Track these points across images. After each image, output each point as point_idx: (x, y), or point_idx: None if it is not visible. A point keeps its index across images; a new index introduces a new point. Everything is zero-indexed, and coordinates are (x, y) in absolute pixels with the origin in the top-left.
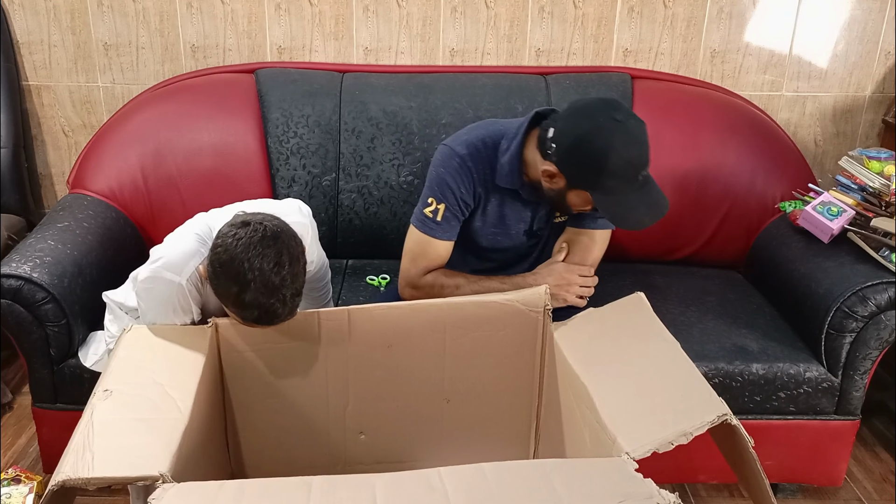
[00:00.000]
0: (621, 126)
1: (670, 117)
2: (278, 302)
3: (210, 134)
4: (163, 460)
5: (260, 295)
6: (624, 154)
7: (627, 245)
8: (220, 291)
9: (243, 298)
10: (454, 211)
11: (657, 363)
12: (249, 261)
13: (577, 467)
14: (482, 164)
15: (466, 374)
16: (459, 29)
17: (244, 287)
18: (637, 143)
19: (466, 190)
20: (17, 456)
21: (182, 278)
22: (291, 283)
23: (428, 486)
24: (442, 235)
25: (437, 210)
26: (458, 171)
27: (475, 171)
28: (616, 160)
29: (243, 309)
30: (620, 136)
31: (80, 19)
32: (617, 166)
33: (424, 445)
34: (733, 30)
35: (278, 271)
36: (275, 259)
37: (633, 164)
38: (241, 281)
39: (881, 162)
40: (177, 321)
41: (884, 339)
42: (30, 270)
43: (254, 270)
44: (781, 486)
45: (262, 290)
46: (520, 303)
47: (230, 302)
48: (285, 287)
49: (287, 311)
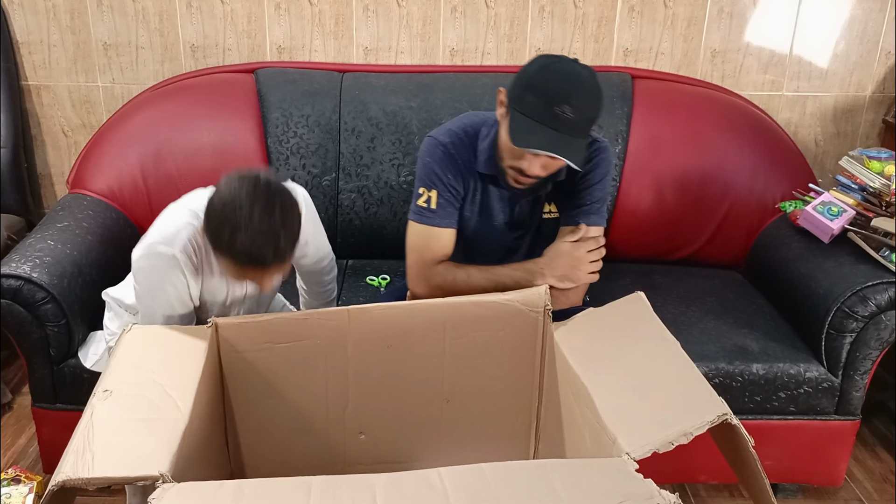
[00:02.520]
0: (567, 65)
1: (671, 117)
2: (269, 245)
3: (210, 134)
4: (163, 460)
5: (254, 235)
6: (549, 77)
7: (627, 245)
8: (214, 239)
9: (235, 240)
10: (447, 197)
11: (657, 363)
12: (241, 206)
13: (577, 467)
14: (465, 151)
15: (466, 374)
16: (459, 29)
17: (235, 228)
18: (570, 78)
19: (454, 176)
20: (17, 456)
21: (175, 249)
22: (283, 229)
23: (428, 486)
24: (441, 223)
25: (430, 198)
26: (443, 159)
27: (459, 158)
28: (539, 77)
29: (235, 252)
30: (559, 67)
31: (79, 19)
32: (538, 83)
33: (424, 445)
34: (734, 30)
35: (270, 214)
36: (267, 204)
37: (557, 88)
38: (233, 223)
39: (881, 162)
40: (175, 305)
41: (884, 339)
42: (30, 270)
43: (245, 213)
44: (782, 486)
45: (256, 232)
46: (520, 303)
47: (223, 247)
48: (276, 231)
49: (278, 256)
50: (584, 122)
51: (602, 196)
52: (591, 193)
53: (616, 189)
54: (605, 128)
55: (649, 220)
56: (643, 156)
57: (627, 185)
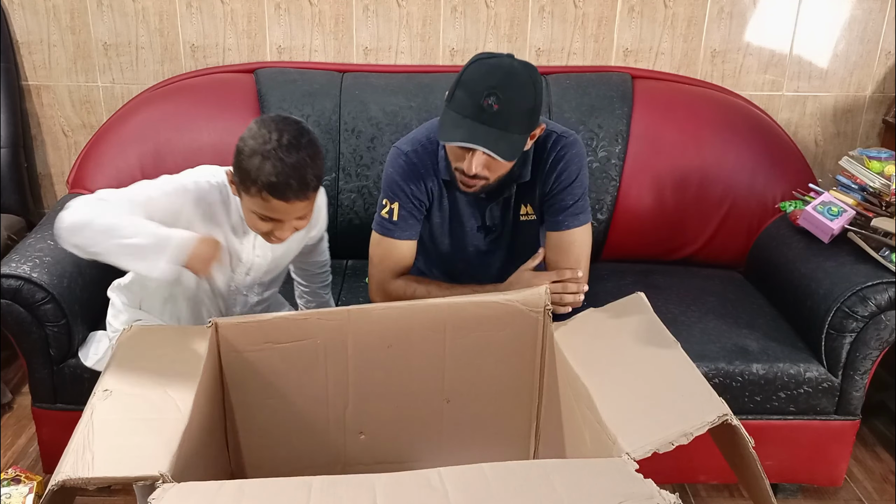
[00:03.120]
0: (498, 59)
1: (671, 117)
2: (296, 175)
3: (210, 134)
4: (163, 460)
5: (280, 163)
6: (477, 70)
7: (628, 245)
8: (242, 169)
9: (263, 167)
10: (408, 209)
11: (657, 363)
12: (270, 137)
13: (577, 467)
14: (427, 159)
15: (466, 374)
16: (459, 29)
17: (265, 157)
18: (499, 70)
19: (416, 187)
20: (17, 456)
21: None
22: (311, 162)
23: (428, 486)
24: (401, 235)
25: (392, 210)
26: (405, 170)
27: (421, 167)
28: (468, 72)
29: (262, 181)
30: (489, 62)
31: (79, 19)
32: (465, 78)
33: (424, 445)
34: (734, 30)
35: (298, 148)
36: (294, 137)
37: (483, 81)
38: (262, 152)
39: (881, 162)
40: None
41: (884, 339)
42: (29, 270)
43: (273, 143)
44: (782, 487)
45: (284, 162)
46: (520, 303)
47: (251, 175)
48: (304, 162)
49: (303, 188)
50: (516, 115)
51: (582, 192)
52: (572, 192)
53: (616, 189)
54: (605, 128)
55: (649, 220)
56: (643, 156)
57: (627, 185)
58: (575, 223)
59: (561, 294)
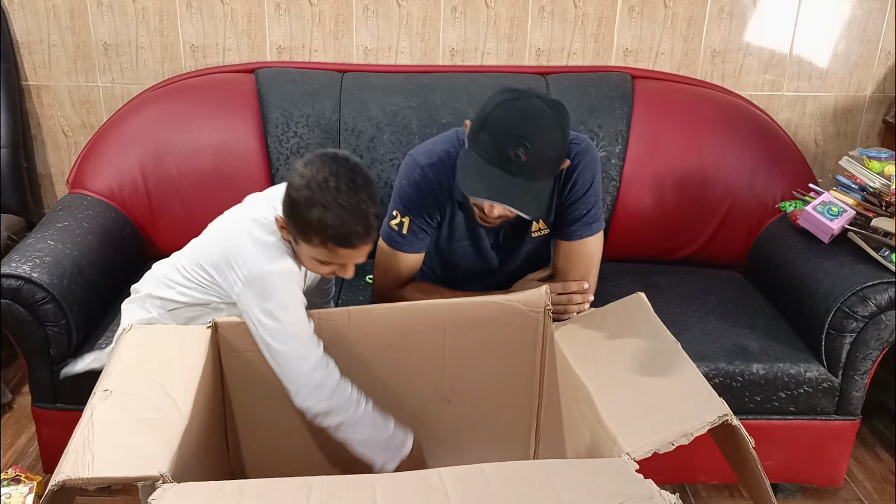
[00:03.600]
0: (526, 100)
1: (670, 117)
2: (361, 222)
3: (210, 134)
4: (163, 460)
5: (343, 212)
6: (505, 114)
7: (628, 245)
8: (301, 220)
9: (326, 219)
10: (419, 223)
11: (658, 363)
12: (327, 181)
13: (577, 468)
14: (444, 175)
15: (467, 374)
16: (459, 29)
17: (326, 206)
18: (527, 118)
19: (429, 202)
20: (17, 456)
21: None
22: (370, 202)
23: (428, 486)
24: (409, 249)
25: (402, 223)
26: (420, 185)
27: (436, 183)
28: (494, 115)
29: (327, 230)
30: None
31: (79, 19)
32: (492, 121)
33: (424, 445)
34: (734, 29)
35: (356, 191)
36: (351, 180)
37: (511, 129)
38: (322, 201)
39: (881, 162)
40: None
41: (884, 339)
42: (30, 270)
43: (332, 190)
44: (782, 487)
45: (345, 208)
46: (520, 303)
47: (313, 228)
48: (364, 204)
49: (369, 234)
50: (544, 164)
51: (595, 200)
52: (585, 202)
53: (616, 189)
54: (605, 128)
55: (649, 220)
56: (643, 156)
57: (627, 185)
58: (587, 233)
59: (566, 306)
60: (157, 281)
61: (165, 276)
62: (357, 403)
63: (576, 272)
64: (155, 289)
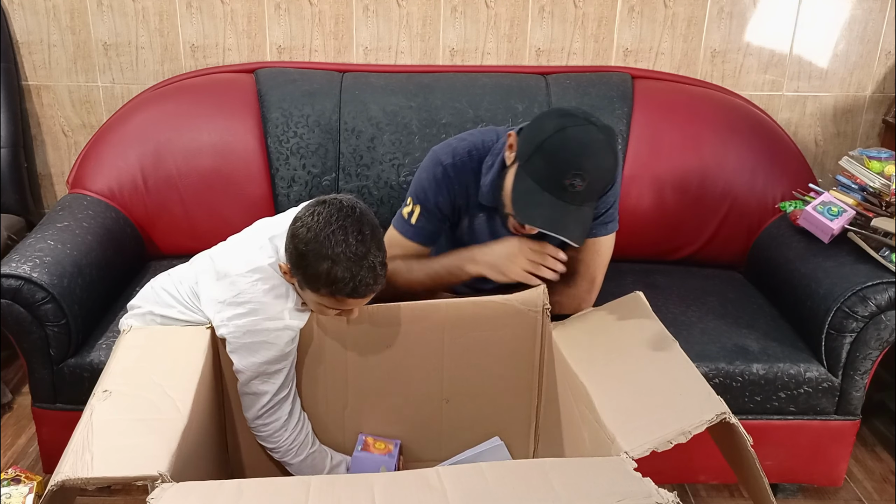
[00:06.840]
0: (583, 128)
1: (670, 117)
2: (370, 273)
3: (210, 134)
4: (162, 460)
5: (352, 265)
6: (563, 143)
7: (628, 245)
8: (309, 273)
9: (335, 273)
10: (429, 216)
11: (656, 362)
12: (335, 234)
13: (576, 467)
14: (466, 176)
15: (466, 373)
16: (459, 29)
17: (335, 260)
18: (585, 148)
19: (444, 200)
20: (17, 456)
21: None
22: (377, 251)
23: (427, 486)
24: (414, 237)
25: (413, 212)
26: (438, 181)
27: (457, 183)
28: (552, 142)
29: (336, 284)
30: (575, 133)
31: (79, 19)
32: (549, 148)
33: (424, 445)
34: (734, 29)
35: (363, 241)
36: (357, 229)
37: (569, 159)
38: (331, 255)
39: (881, 162)
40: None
41: (884, 339)
42: (30, 270)
43: (340, 243)
44: (782, 486)
45: (353, 260)
46: (519, 302)
47: (321, 280)
48: (372, 255)
49: (378, 283)
50: (595, 193)
51: (614, 201)
52: (605, 201)
53: None
54: None
55: (649, 220)
56: (643, 156)
57: (627, 185)
58: (602, 232)
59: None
60: (158, 298)
61: (167, 293)
62: (296, 454)
63: (584, 269)
64: (156, 306)
